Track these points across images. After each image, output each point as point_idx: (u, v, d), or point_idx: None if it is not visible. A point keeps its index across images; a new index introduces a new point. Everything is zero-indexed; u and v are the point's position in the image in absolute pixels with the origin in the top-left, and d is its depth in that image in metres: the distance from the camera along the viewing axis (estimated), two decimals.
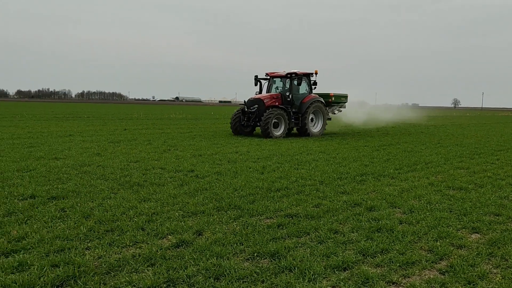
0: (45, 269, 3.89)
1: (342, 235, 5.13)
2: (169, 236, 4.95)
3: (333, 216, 5.94)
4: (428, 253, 4.69)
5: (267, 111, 18.02)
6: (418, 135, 21.15)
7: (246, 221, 5.57)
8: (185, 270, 3.99)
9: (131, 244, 4.65)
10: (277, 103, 18.79)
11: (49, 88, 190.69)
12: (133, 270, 4.00)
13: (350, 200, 6.82)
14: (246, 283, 3.84)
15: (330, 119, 21.21)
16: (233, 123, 19.20)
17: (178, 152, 12.40)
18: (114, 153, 11.75)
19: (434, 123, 33.99)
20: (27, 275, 3.76)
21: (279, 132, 18.25)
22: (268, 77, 20.23)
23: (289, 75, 19.32)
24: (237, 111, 19.33)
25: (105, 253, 4.37)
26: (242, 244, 4.74)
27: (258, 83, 20.36)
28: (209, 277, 3.88)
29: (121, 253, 4.38)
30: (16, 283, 3.56)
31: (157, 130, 20.55)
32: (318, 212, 6.07)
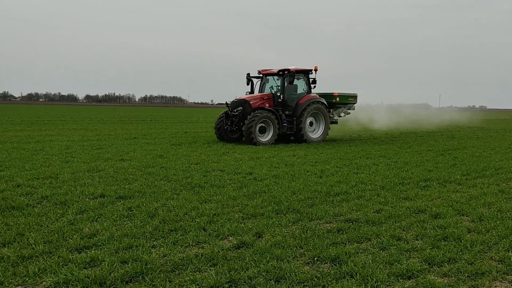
0: (115, 265, 4.10)
1: (405, 243, 4.97)
2: (230, 237, 5.04)
3: (395, 222, 5.77)
4: (499, 263, 4.43)
5: (252, 113, 15.51)
6: (486, 139, 20.01)
7: (305, 225, 5.55)
8: (246, 271, 4.05)
9: (193, 244, 4.78)
10: (267, 105, 16.27)
11: (114, 93, 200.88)
12: (196, 269, 4.11)
13: (414, 206, 6.58)
14: (307, 287, 3.83)
15: (336, 122, 18.67)
16: (217, 128, 16.62)
17: (236, 154, 12.60)
18: (176, 155, 12.15)
19: (504, 127, 31.99)
20: (99, 270, 3.99)
21: (266, 138, 15.75)
22: (261, 75, 17.55)
23: (281, 72, 16.64)
24: (222, 114, 16.77)
25: (169, 251, 4.53)
26: (302, 248, 4.73)
27: (250, 83, 17.72)
28: (270, 279, 3.91)
29: (185, 252, 4.52)
30: (89, 278, 3.78)
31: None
32: (379, 218, 5.92)
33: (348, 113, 19.51)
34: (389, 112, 28.21)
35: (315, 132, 17.37)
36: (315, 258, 4.42)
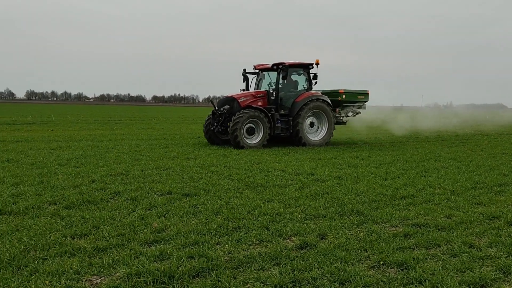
0: (182, 259, 4.25)
1: (478, 250, 4.70)
2: (293, 237, 5.04)
3: (467, 228, 5.47)
4: None
5: (238, 113, 14.03)
6: None
7: (370, 228, 5.42)
8: (310, 272, 4.03)
9: (257, 243, 4.85)
10: (259, 103, 14.66)
11: (180, 94, 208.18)
12: (260, 267, 4.16)
13: (487, 212, 6.21)
14: None
15: (344, 123, 16.73)
16: (205, 130, 15.26)
17: (297, 155, 12.57)
18: (238, 154, 12.35)
19: None
20: (168, 264, 4.16)
21: (255, 140, 14.18)
22: (257, 71, 15.99)
23: (275, 67, 14.97)
24: (210, 114, 15.22)
25: (234, 249, 4.62)
26: (367, 251, 4.63)
27: (245, 79, 16.12)
28: (334, 281, 3.87)
29: (249, 250, 4.59)
30: (159, 271, 3.95)
31: None
32: (449, 223, 5.64)
33: (358, 113, 17.08)
34: (462, 112, 26.76)
35: (317, 134, 15.55)
36: (381, 262, 4.31)
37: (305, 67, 15.44)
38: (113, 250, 4.52)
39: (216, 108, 14.77)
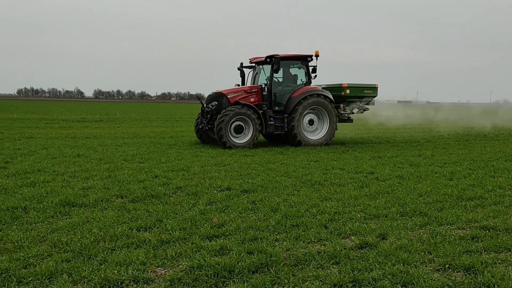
0: (242, 255, 4.32)
1: None
2: (352, 237, 4.96)
3: None
4: None
5: (224, 110, 13.02)
6: None
7: (434, 230, 5.21)
8: (370, 273, 3.95)
9: (315, 241, 4.82)
10: (252, 99, 13.57)
11: None
12: (319, 265, 4.14)
13: None
14: None
15: (350, 120, 15.44)
16: (196, 129, 14.49)
17: (356, 153, 12.33)
18: (295, 152, 12.32)
19: None
20: (228, 258, 4.24)
21: (243, 139, 13.14)
22: (253, 65, 14.91)
23: (268, 59, 13.85)
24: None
25: (292, 246, 4.63)
26: (431, 254, 4.46)
27: (241, 74, 15.01)
28: (396, 283, 3.76)
29: (307, 248, 4.58)
30: (219, 265, 4.05)
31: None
32: None
33: (366, 109, 15.59)
34: None
35: (317, 133, 14.26)
36: (446, 266, 4.13)
37: (302, 60, 14.21)
38: (176, 243, 4.68)
39: (204, 105, 13.92)
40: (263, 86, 13.73)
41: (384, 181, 8.12)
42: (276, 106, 13.86)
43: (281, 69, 13.97)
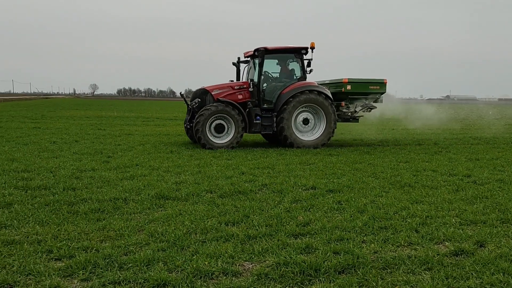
0: (328, 254, 4.30)
1: None
2: (446, 243, 4.69)
3: None
4: None
5: (202, 108, 12.19)
6: None
7: None
8: (466, 281, 3.72)
9: (405, 245, 4.64)
10: (239, 96, 12.54)
11: None
12: (409, 270, 3.98)
13: None
14: None
15: (356, 120, 13.96)
16: (185, 127, 13.57)
17: (451, 154, 11.61)
18: (383, 152, 11.93)
19: None
20: (314, 257, 4.24)
21: (225, 139, 12.22)
22: (248, 59, 13.80)
23: (256, 53, 12.76)
24: None
25: (380, 249, 4.50)
26: None
27: (237, 69, 13.98)
28: None
29: (396, 252, 4.42)
30: (305, 263, 4.06)
31: (428, 131, 19.62)
32: None
33: (374, 107, 13.88)
34: None
35: (312, 133, 12.92)
36: None
37: (296, 52, 12.83)
38: (262, 239, 4.78)
39: (186, 102, 13.39)
40: (250, 82, 12.69)
41: (483, 185, 7.56)
42: (265, 104, 12.80)
43: (276, 63, 13.10)
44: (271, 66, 13.10)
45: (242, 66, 14.04)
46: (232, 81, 13.64)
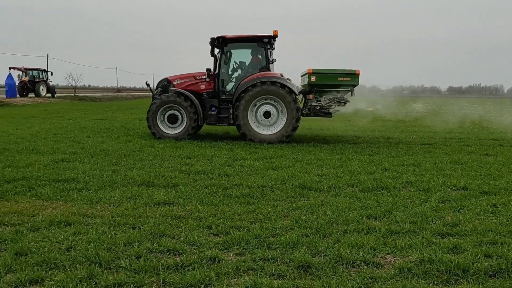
0: (478, 256, 4.08)
1: None
2: None
3: None
4: None
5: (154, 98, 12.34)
6: None
7: None
8: None
9: None
10: (202, 86, 12.31)
11: (480, 84, 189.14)
12: None
13: None
14: None
15: (328, 114, 12.25)
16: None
17: None
18: None
19: None
20: (462, 258, 4.07)
21: (177, 130, 12.12)
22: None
23: (216, 43, 11.95)
24: None
25: None
26: None
27: (214, 59, 12.49)
28: None
29: None
30: (452, 262, 3.93)
31: None
32: None
33: (346, 101, 12.12)
34: None
35: (273, 127, 12.00)
36: None
37: (258, 41, 12.05)
38: (405, 235, 4.73)
39: (152, 92, 13.49)
40: (206, 71, 12.33)
41: None
42: (224, 95, 12.39)
43: (239, 53, 12.56)
44: (236, 56, 12.68)
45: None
46: (209, 70, 12.63)
